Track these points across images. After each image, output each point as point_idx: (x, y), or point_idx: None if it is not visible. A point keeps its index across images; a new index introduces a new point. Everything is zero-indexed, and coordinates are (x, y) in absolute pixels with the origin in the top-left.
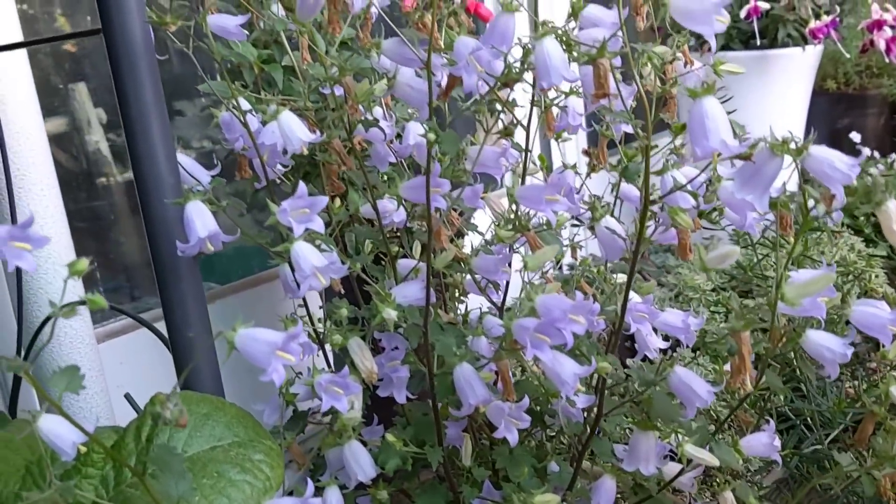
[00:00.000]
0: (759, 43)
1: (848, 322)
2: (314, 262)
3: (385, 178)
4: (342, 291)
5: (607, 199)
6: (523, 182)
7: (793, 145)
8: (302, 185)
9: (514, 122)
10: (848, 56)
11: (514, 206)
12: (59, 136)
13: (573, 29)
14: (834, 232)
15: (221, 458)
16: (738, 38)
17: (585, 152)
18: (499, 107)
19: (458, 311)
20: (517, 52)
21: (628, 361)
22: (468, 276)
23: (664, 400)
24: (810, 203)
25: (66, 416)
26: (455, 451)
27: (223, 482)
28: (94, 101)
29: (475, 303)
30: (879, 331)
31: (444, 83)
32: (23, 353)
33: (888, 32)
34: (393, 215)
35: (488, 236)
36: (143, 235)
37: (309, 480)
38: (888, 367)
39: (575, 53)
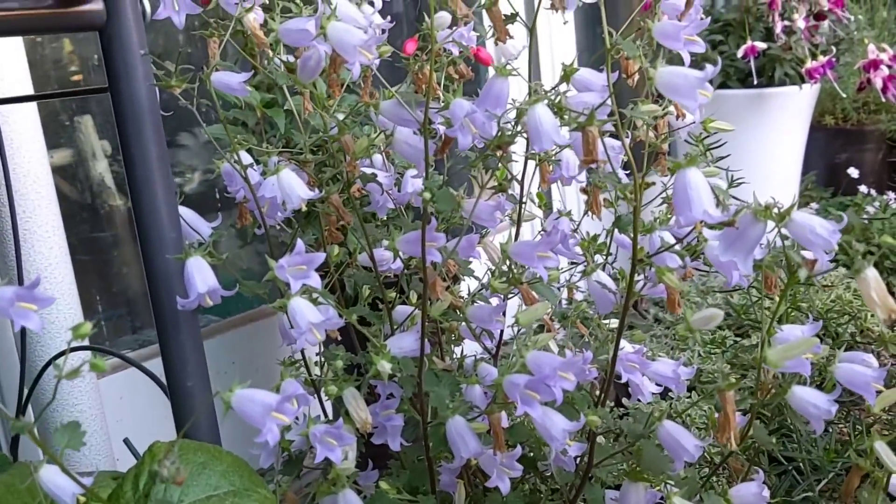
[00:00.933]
0: (756, 82)
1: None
2: (310, 318)
3: (386, 220)
4: (339, 338)
5: (604, 239)
6: (518, 231)
7: (776, 210)
8: (300, 243)
9: (509, 177)
10: (844, 96)
11: (507, 261)
12: (64, 167)
13: (565, 91)
14: (824, 286)
15: None
16: (736, 76)
17: (583, 191)
18: (494, 163)
19: (454, 355)
20: (512, 113)
21: (624, 401)
22: (463, 323)
23: (654, 451)
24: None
25: (68, 472)
26: (449, 498)
27: None
28: (100, 134)
29: (471, 346)
30: (863, 388)
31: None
32: (24, 395)
33: (885, 72)
34: (390, 263)
35: (485, 280)
36: None
37: None
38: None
39: (566, 117)
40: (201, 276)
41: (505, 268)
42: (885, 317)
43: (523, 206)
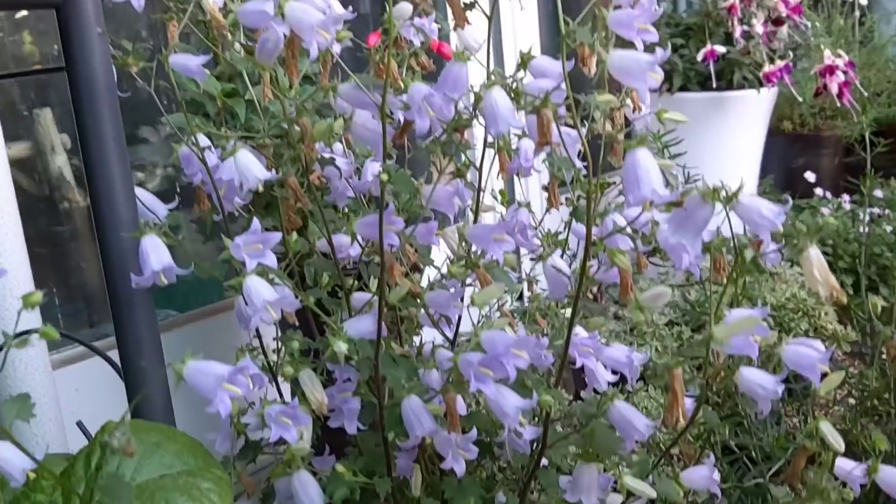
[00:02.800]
0: (715, 85)
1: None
2: (265, 296)
3: (345, 210)
4: (297, 324)
5: (564, 236)
6: (476, 220)
7: (724, 193)
8: (255, 221)
9: (467, 163)
10: (801, 100)
11: (464, 245)
12: (22, 161)
13: (522, 78)
14: (772, 273)
15: (170, 487)
16: (696, 79)
17: (545, 188)
18: (453, 148)
19: (414, 344)
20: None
21: (583, 394)
22: (422, 310)
23: (606, 433)
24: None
25: (17, 444)
26: (405, 482)
27: None
28: (60, 128)
29: (430, 335)
30: (809, 369)
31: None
32: None
33: (840, 77)
34: (348, 249)
35: (444, 270)
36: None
37: None
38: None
39: (522, 102)
40: (156, 254)
41: (463, 252)
42: (826, 294)
43: (482, 193)
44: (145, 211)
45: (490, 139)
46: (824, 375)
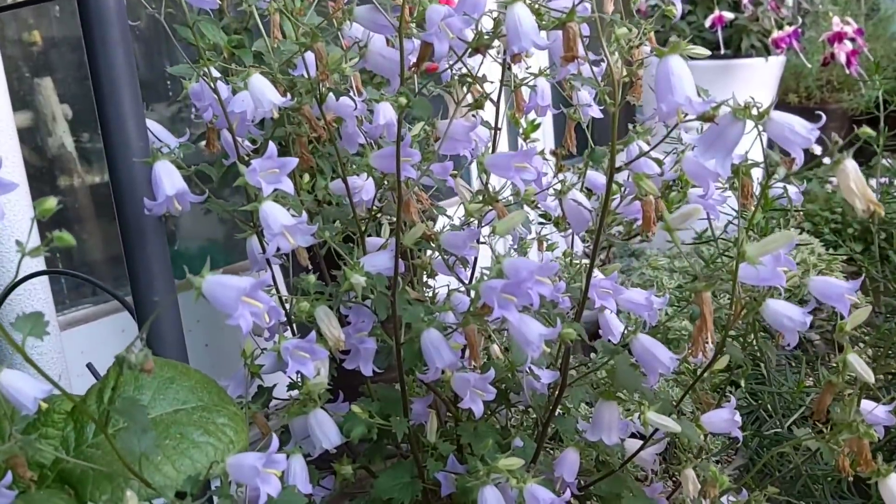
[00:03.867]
0: (723, 52)
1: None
2: (283, 220)
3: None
4: (309, 267)
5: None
6: (494, 149)
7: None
8: (272, 146)
9: (484, 95)
10: (809, 66)
11: (483, 177)
12: (23, 130)
13: None
14: (795, 210)
15: (185, 421)
16: (703, 47)
17: (553, 153)
18: (469, 79)
19: (427, 294)
20: (489, 25)
21: (592, 356)
22: (437, 258)
23: (627, 369)
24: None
25: (32, 362)
26: (420, 429)
27: (186, 443)
28: (60, 97)
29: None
30: (837, 300)
31: (416, 54)
32: None
33: (848, 46)
34: (362, 192)
35: (457, 221)
36: (105, 234)
37: (273, 436)
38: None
39: (544, 21)
40: (169, 179)
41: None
42: (863, 207)
43: (498, 133)
44: (156, 142)
45: (505, 78)
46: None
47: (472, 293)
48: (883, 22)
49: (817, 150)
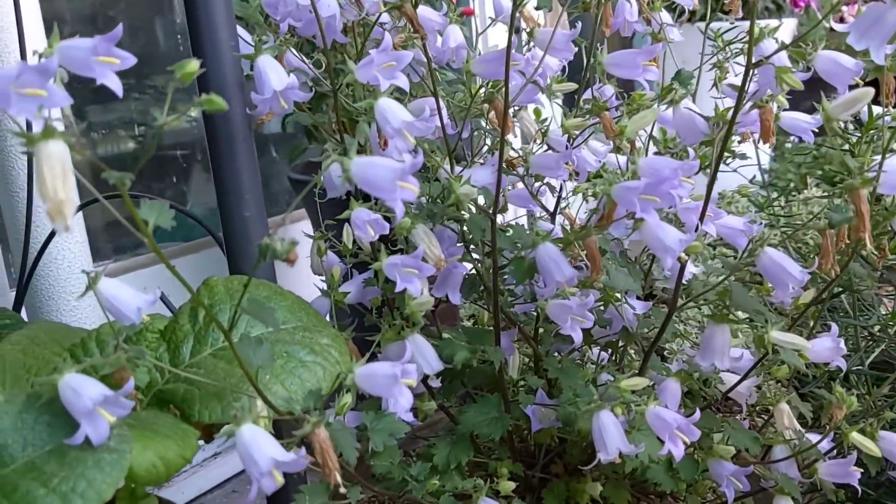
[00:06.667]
0: (739, 15)
1: None
2: (403, 116)
3: None
4: None
5: None
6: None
7: None
8: (387, 37)
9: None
10: (827, 27)
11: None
12: None
13: None
14: None
15: (288, 340)
16: (718, 8)
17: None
18: None
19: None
20: None
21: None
22: (516, 189)
23: (741, 290)
24: None
25: (155, 249)
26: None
27: (294, 363)
28: None
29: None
30: None
31: None
32: (28, 269)
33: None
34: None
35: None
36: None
37: (407, 343)
38: None
39: None
40: (276, 74)
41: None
42: None
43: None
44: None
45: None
46: None
47: (600, 198)
48: None
49: None
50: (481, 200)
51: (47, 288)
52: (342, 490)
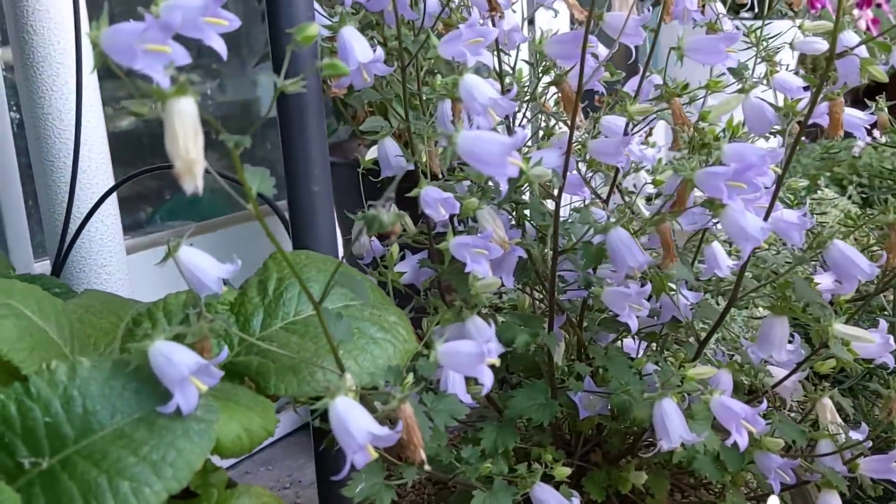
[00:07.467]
0: (756, 13)
1: None
2: (489, 93)
3: None
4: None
5: None
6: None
7: None
8: (475, 12)
9: None
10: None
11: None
12: None
13: None
14: None
15: (358, 316)
16: (732, 8)
17: None
18: None
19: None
20: None
21: None
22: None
23: (803, 283)
24: None
25: (260, 218)
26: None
27: (365, 339)
28: None
29: None
30: None
31: None
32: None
33: (871, 14)
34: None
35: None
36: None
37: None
38: None
39: None
40: (360, 45)
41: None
42: None
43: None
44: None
45: None
46: None
47: (677, 182)
48: None
49: None
50: None
51: (79, 261)
52: (427, 467)
